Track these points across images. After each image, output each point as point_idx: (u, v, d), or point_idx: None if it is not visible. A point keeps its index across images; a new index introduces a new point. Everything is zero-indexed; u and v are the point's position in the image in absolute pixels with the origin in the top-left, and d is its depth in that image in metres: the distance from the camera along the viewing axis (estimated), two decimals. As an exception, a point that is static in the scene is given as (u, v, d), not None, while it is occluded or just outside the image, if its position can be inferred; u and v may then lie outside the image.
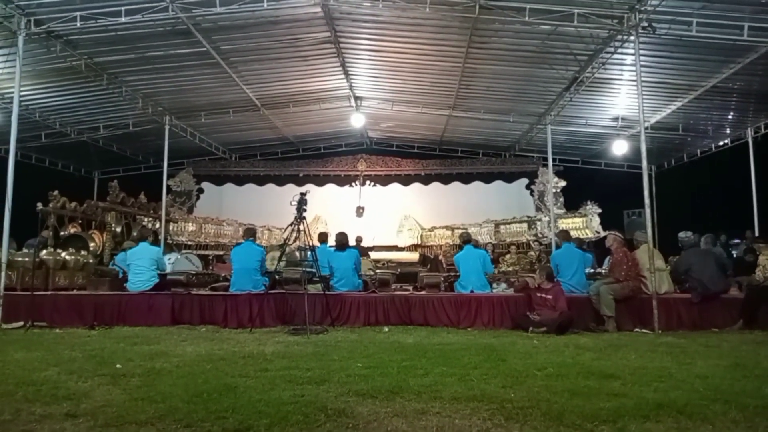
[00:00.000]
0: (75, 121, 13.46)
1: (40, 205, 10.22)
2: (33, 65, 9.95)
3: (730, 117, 12.73)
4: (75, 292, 8.30)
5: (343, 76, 12.59)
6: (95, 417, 2.96)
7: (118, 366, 4.40)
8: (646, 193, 7.94)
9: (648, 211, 8.02)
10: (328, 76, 12.60)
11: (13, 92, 8.38)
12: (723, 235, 11.77)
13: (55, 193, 10.81)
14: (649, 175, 9.13)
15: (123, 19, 8.31)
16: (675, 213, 14.00)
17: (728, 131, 13.55)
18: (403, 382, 3.81)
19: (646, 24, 8.16)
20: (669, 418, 2.96)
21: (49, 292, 7.97)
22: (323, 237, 9.19)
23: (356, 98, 14.08)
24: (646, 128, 9.18)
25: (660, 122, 12.86)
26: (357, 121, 14.88)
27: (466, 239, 8.65)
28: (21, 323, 7.17)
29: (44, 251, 8.52)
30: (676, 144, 14.58)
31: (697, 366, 4.48)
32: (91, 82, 10.98)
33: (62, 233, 10.80)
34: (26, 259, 8.15)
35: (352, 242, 9.95)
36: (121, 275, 8.43)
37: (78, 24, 8.38)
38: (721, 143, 14.08)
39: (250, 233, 8.52)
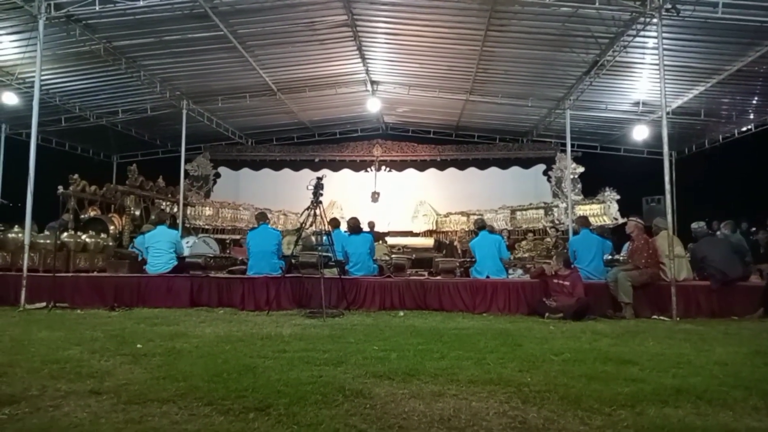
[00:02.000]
0: (94, 105, 13.61)
1: (61, 189, 10.38)
2: (53, 49, 10.05)
3: (754, 102, 12.45)
4: (95, 274, 8.44)
5: (359, 60, 12.52)
6: (118, 394, 3.02)
7: (138, 346, 4.48)
8: (666, 179, 7.82)
9: (668, 197, 7.91)
10: (345, 60, 12.55)
11: (34, 76, 8.47)
12: (744, 223, 11.57)
13: (76, 176, 10.98)
14: (670, 162, 8.98)
15: (141, 3, 8.35)
16: (696, 200, 13.80)
17: (752, 116, 13.27)
18: (420, 364, 3.82)
19: (669, 6, 7.98)
20: (688, 404, 2.94)
21: (70, 274, 8.10)
22: (335, 222, 9.22)
23: (372, 82, 14.02)
24: (668, 113, 9.03)
25: (682, 107, 12.63)
26: (373, 105, 14.84)
27: (481, 225, 8.65)
28: (44, 304, 7.32)
29: (65, 234, 8.66)
30: (697, 129, 14.31)
31: (717, 353, 4.43)
32: (109, 66, 11.08)
33: (82, 216, 10.98)
34: (48, 241, 8.29)
35: (364, 227, 9.98)
36: (140, 258, 8.55)
37: (97, 8, 8.44)
38: (744, 129, 13.80)
39: (263, 217, 8.56)
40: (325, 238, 7.37)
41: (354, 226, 8.41)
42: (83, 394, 3.03)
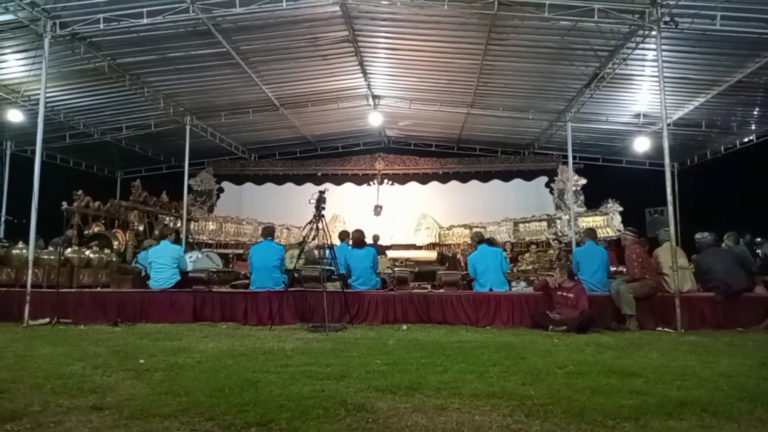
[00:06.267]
0: (98, 121, 13.72)
1: (65, 205, 10.42)
2: (58, 67, 10.17)
3: (755, 113, 12.47)
4: (99, 289, 8.45)
5: (361, 74, 12.62)
6: (120, 410, 3.01)
7: (141, 361, 4.48)
8: (668, 190, 7.82)
9: (670, 209, 7.89)
10: (346, 75, 12.64)
11: (39, 94, 8.57)
12: (748, 235, 11.52)
13: (80, 192, 11.05)
14: (672, 173, 9.00)
15: (145, 21, 8.44)
16: (698, 211, 13.75)
17: (753, 127, 13.28)
18: (422, 378, 3.81)
19: (668, 19, 8.05)
20: (692, 416, 2.91)
21: (73, 290, 8.13)
22: (344, 235, 9.25)
23: (374, 97, 14.10)
24: (669, 125, 9.04)
25: (682, 119, 12.65)
26: (375, 119, 14.91)
27: (480, 238, 8.67)
28: (47, 319, 7.33)
29: (69, 249, 8.69)
30: (699, 141, 14.32)
31: (722, 365, 4.40)
32: (114, 83, 11.19)
33: (86, 232, 11.02)
34: (52, 257, 8.32)
35: (369, 241, 9.97)
36: (143, 274, 8.56)
37: (101, 26, 8.55)
38: (746, 140, 13.81)
39: (269, 232, 8.58)
40: (327, 251, 7.38)
41: (357, 240, 8.42)
42: (85, 410, 3.02)
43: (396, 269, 9.64)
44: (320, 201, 7.29)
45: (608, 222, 14.89)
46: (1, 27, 8.83)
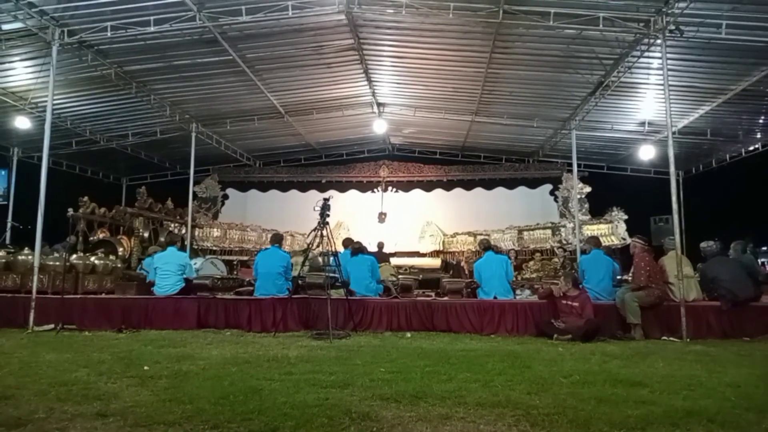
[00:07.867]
0: (105, 128, 13.79)
1: (70, 211, 10.49)
2: (65, 74, 10.24)
3: (761, 121, 12.44)
4: (103, 295, 8.47)
5: (366, 82, 12.66)
6: (125, 417, 3.01)
7: (145, 368, 4.48)
8: (673, 199, 7.80)
9: (676, 217, 7.86)
10: (351, 82, 12.69)
11: (46, 101, 8.63)
12: (751, 244, 11.46)
13: (85, 198, 11.11)
14: (677, 181, 8.95)
15: (152, 29, 8.51)
16: (703, 219, 13.72)
17: (759, 136, 13.24)
18: (427, 387, 3.79)
19: (673, 27, 8.04)
20: (699, 426, 2.89)
21: (78, 296, 8.15)
22: (348, 242, 9.26)
23: (379, 104, 14.14)
24: (674, 133, 9.02)
25: (688, 127, 12.63)
26: (379, 127, 14.93)
27: (486, 245, 8.64)
28: (52, 325, 7.34)
29: (74, 256, 8.71)
30: (704, 149, 14.28)
31: (728, 374, 4.36)
32: (120, 90, 11.25)
33: (92, 238, 11.07)
34: (57, 263, 8.35)
35: (373, 248, 9.99)
36: (148, 280, 8.58)
37: (109, 34, 8.62)
38: (751, 148, 13.76)
39: (277, 239, 8.59)
40: (332, 259, 7.38)
41: (353, 250, 8.50)
42: (90, 417, 3.02)
43: (400, 276, 9.63)
44: (324, 208, 7.30)
45: (613, 230, 14.83)
46: (10, 35, 8.92)
